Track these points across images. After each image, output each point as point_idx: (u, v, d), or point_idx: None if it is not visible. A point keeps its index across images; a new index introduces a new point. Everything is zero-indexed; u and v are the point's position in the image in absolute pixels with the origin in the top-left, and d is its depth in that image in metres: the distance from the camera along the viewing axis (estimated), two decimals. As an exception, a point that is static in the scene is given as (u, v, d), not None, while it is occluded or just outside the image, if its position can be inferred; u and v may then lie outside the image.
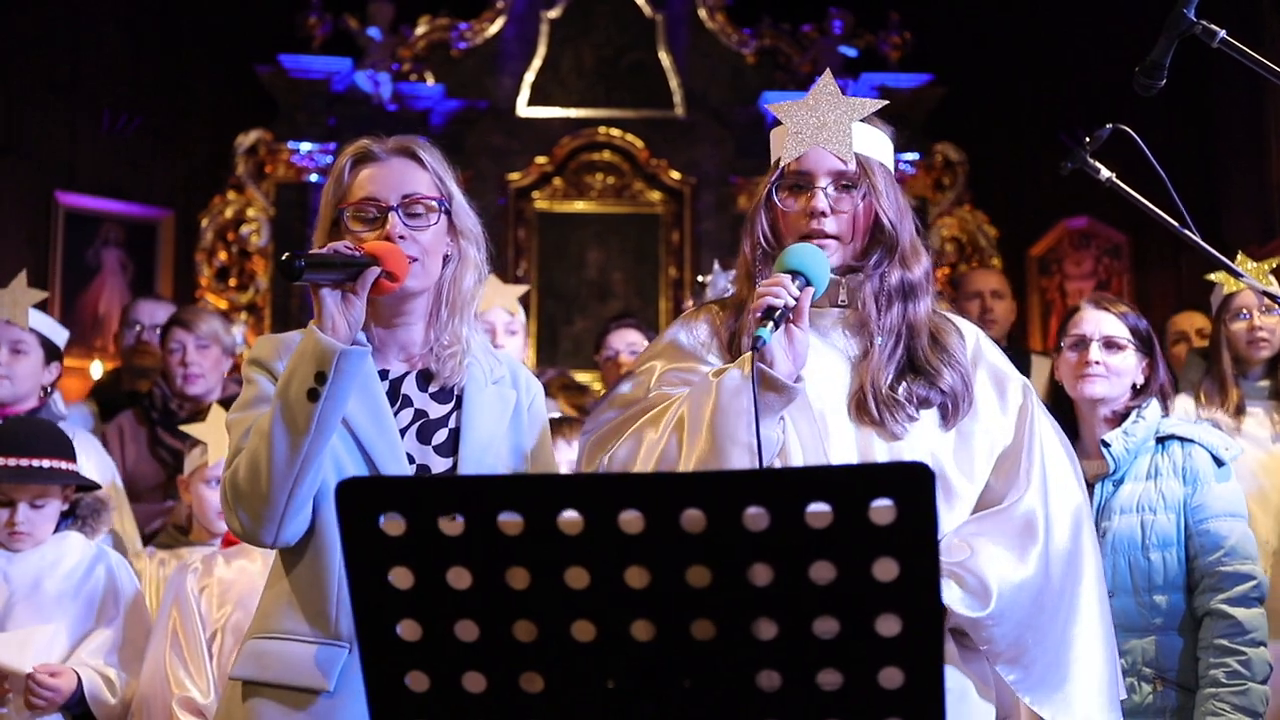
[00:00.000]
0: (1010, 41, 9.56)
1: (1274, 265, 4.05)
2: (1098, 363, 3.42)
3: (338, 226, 2.45)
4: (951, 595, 2.28)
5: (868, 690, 1.37)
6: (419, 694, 1.44)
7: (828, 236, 2.45)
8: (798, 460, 2.34)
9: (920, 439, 2.40)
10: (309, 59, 9.70)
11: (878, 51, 10.05)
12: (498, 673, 1.42)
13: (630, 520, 1.35)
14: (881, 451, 2.38)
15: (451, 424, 2.44)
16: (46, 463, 3.45)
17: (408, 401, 2.44)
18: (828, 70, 2.63)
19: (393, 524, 1.39)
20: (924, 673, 1.37)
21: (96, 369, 8.16)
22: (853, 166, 2.47)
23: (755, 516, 1.34)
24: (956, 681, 2.33)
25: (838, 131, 2.48)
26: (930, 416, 2.43)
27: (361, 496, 1.41)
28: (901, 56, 9.97)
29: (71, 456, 3.54)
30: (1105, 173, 2.63)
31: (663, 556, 1.36)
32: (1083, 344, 3.46)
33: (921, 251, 2.54)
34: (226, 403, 4.44)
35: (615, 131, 10.14)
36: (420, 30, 10.15)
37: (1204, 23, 2.33)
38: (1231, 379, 4.12)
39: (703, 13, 10.27)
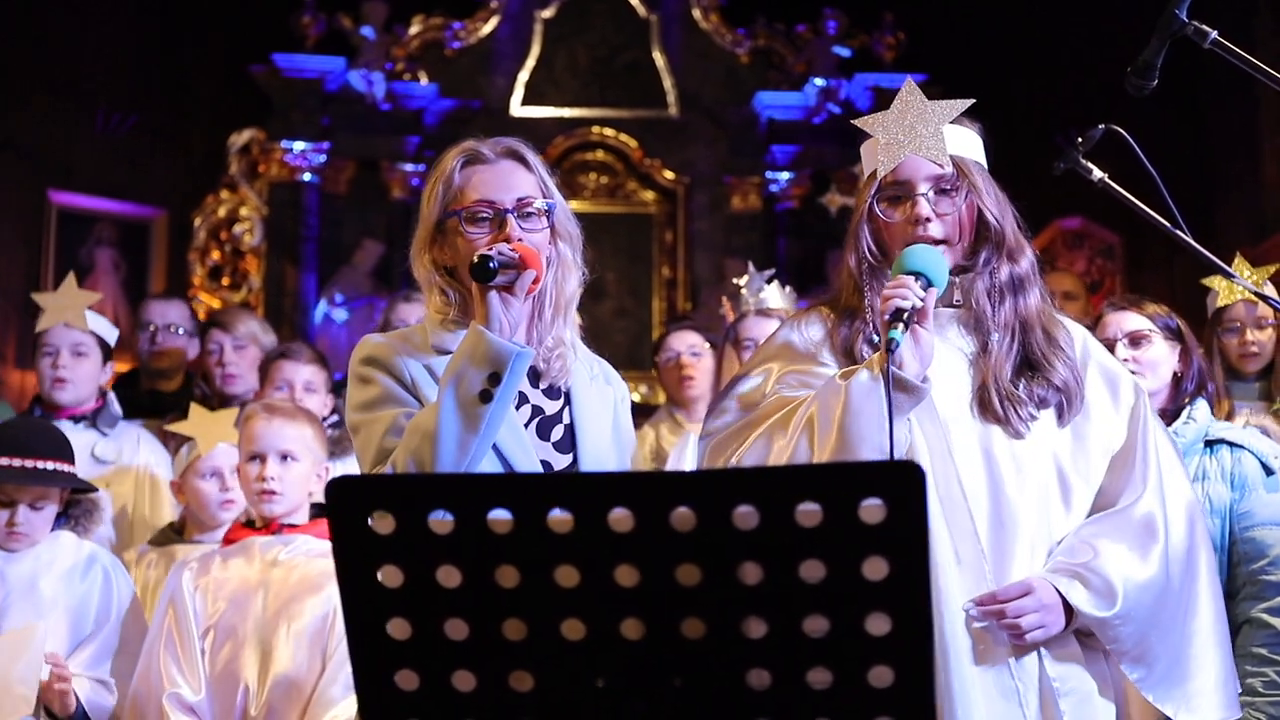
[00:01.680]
0: (1004, 42, 9.57)
1: (1272, 273, 4.05)
2: (1127, 360, 3.39)
3: (441, 228, 2.45)
4: (1079, 596, 2.32)
5: (857, 689, 1.37)
6: (408, 692, 1.43)
7: (935, 242, 2.46)
8: (925, 460, 2.35)
9: (1040, 438, 2.43)
10: (303, 58, 9.71)
11: (872, 52, 10.07)
12: (487, 671, 1.42)
13: (620, 518, 1.35)
14: (1004, 449, 2.40)
15: (565, 419, 2.47)
16: (49, 464, 3.45)
17: (524, 398, 2.45)
18: (909, 79, 2.62)
19: (382, 522, 1.39)
20: (914, 671, 1.37)
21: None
22: (949, 169, 2.48)
23: (745, 515, 1.34)
24: (1083, 682, 2.37)
25: (931, 136, 2.48)
26: (1048, 415, 2.45)
27: (351, 495, 1.41)
28: (895, 57, 9.99)
29: (70, 458, 3.54)
30: (1097, 173, 2.63)
31: (652, 555, 1.36)
32: (1109, 348, 3.44)
33: (1025, 244, 2.55)
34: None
35: (609, 131, 10.14)
36: (414, 29, 10.15)
37: (1195, 24, 2.32)
38: (1223, 389, 4.12)
39: (697, 13, 10.27)
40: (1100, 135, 2.63)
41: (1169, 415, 3.42)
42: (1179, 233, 2.53)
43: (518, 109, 10.13)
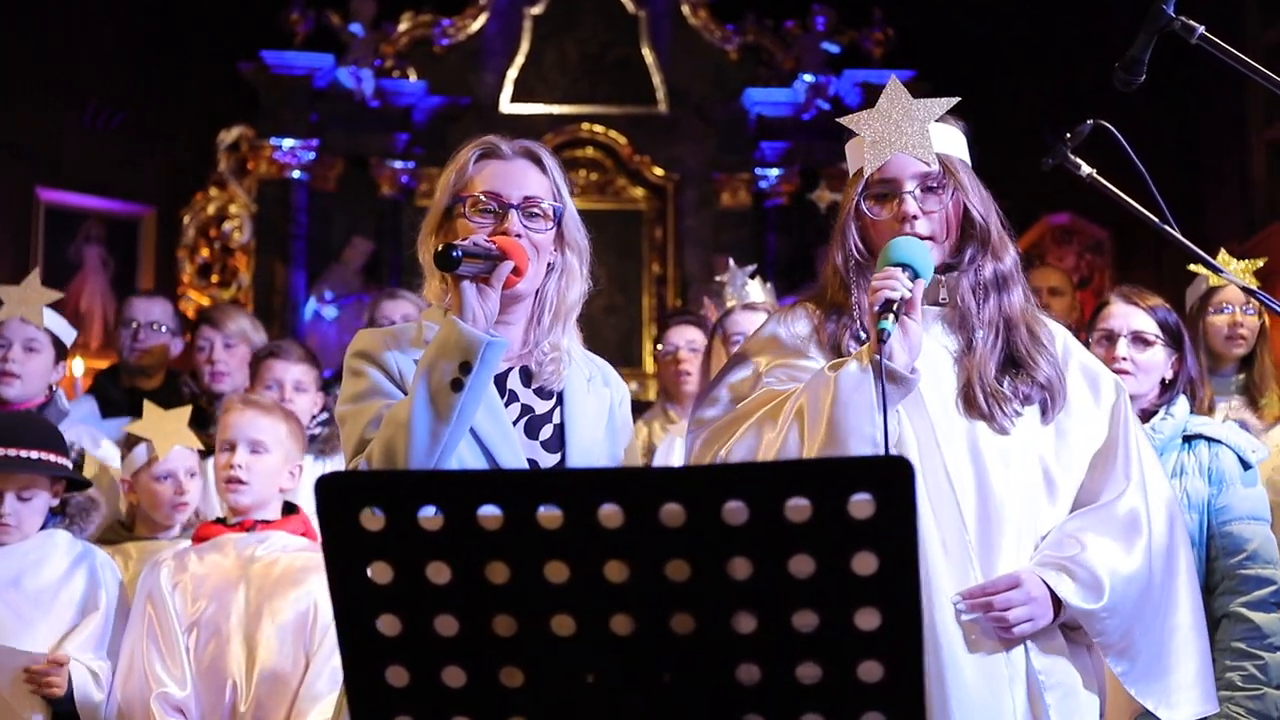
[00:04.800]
0: (992, 37, 9.59)
1: (1257, 266, 4.05)
2: (1125, 359, 3.38)
3: (449, 215, 2.47)
4: (1066, 589, 2.33)
5: (847, 684, 1.38)
6: (399, 689, 1.43)
7: (921, 239, 2.46)
8: (913, 453, 2.36)
9: (1025, 434, 2.44)
10: (291, 55, 9.70)
11: (861, 48, 10.08)
12: (478, 667, 1.42)
13: (610, 514, 1.35)
14: (990, 445, 2.40)
15: (555, 420, 2.47)
16: (35, 454, 3.42)
17: (514, 396, 2.46)
18: (893, 76, 2.63)
19: (372, 519, 1.39)
20: (903, 666, 1.37)
21: (78, 366, 8.12)
22: (935, 167, 2.49)
23: (734, 510, 1.34)
24: (1067, 675, 2.39)
25: (917, 134, 2.50)
26: (1032, 413, 2.46)
27: (341, 491, 1.41)
28: (884, 53, 10.01)
29: (62, 450, 3.52)
30: (1086, 169, 2.63)
31: (642, 551, 1.36)
32: (1110, 339, 3.40)
33: (1008, 242, 2.56)
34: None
35: (598, 128, 10.15)
36: (403, 26, 10.15)
37: (1183, 19, 2.33)
38: (1205, 375, 4.11)
39: (686, 9, 10.28)
40: (1088, 131, 2.64)
41: (1148, 415, 3.42)
42: (1167, 228, 2.53)
43: (507, 106, 10.12)
